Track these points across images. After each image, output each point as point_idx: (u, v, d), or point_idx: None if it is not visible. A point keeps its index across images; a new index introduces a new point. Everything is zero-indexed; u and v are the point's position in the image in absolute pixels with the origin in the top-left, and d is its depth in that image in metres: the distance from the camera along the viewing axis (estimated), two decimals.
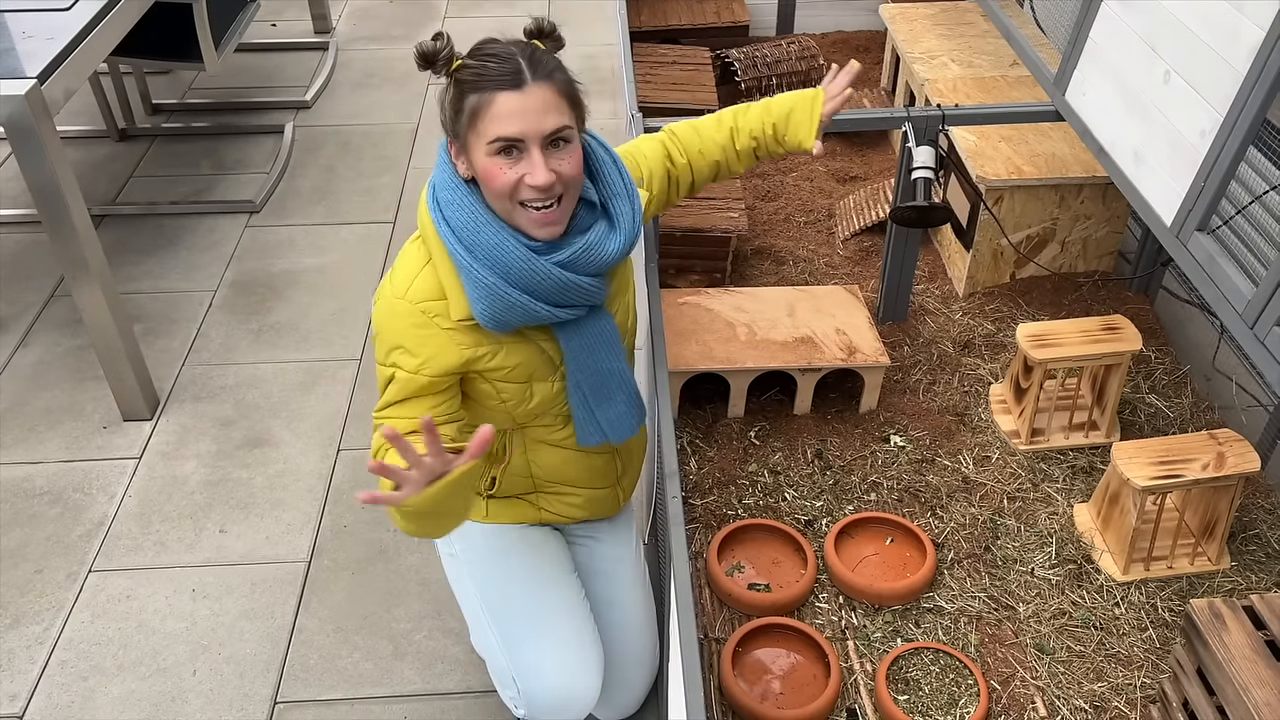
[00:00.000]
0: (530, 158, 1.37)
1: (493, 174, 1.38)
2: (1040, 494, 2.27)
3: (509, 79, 1.35)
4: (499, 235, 1.40)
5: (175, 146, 3.75)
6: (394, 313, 1.44)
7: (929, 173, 2.34)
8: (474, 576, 1.70)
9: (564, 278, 1.43)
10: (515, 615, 1.66)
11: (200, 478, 2.43)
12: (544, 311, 1.45)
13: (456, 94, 1.39)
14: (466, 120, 1.37)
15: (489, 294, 1.40)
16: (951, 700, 1.86)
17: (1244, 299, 1.67)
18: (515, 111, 1.35)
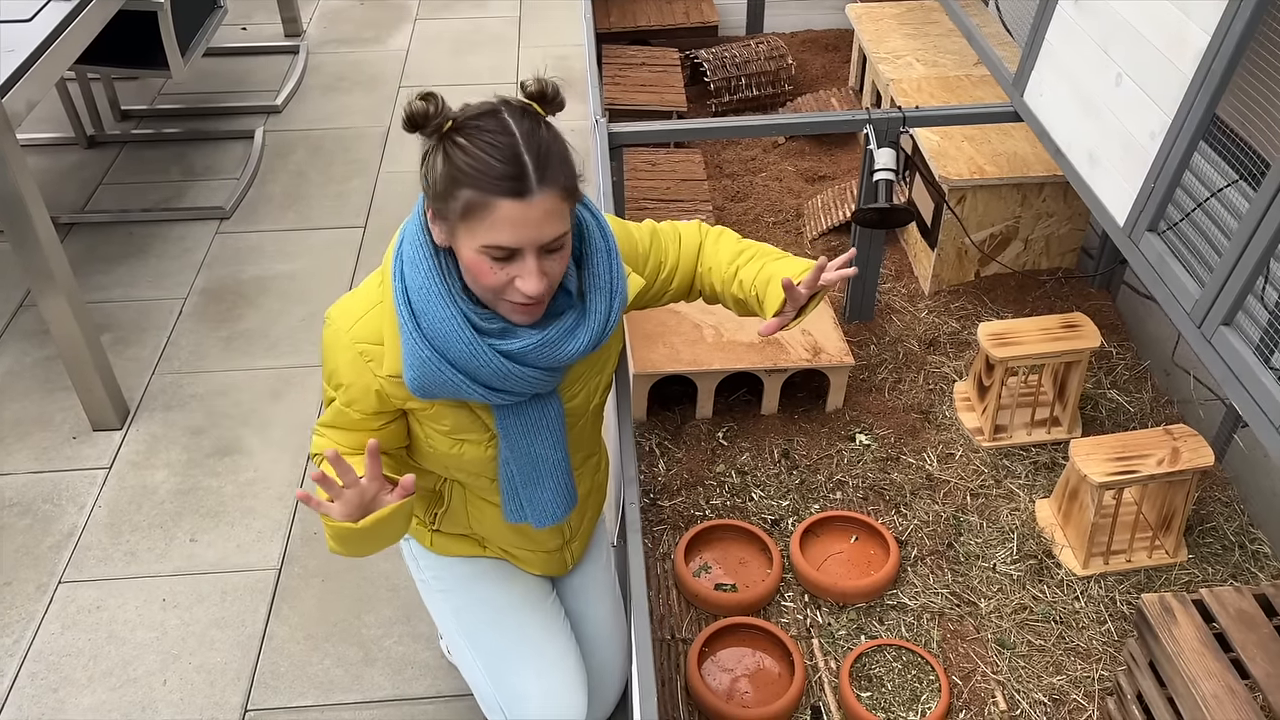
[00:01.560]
0: (525, 264, 1.25)
1: (481, 270, 1.26)
2: (1003, 490, 2.31)
3: (512, 185, 1.20)
4: (447, 310, 1.29)
5: (145, 153, 3.73)
6: (337, 344, 1.37)
7: (890, 174, 2.37)
8: (451, 605, 1.68)
9: (506, 367, 1.32)
10: (497, 644, 1.63)
11: (170, 487, 2.44)
12: (478, 394, 1.35)
13: (447, 174, 1.23)
14: (459, 211, 1.23)
15: (422, 366, 1.30)
16: (914, 696, 1.89)
17: (1191, 299, 1.71)
18: (516, 222, 1.21)
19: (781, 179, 3.46)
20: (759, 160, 3.56)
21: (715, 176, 3.47)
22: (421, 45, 4.47)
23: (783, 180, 3.45)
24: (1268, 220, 1.52)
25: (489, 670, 1.64)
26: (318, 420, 1.45)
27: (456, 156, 1.22)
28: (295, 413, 2.63)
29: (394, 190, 3.52)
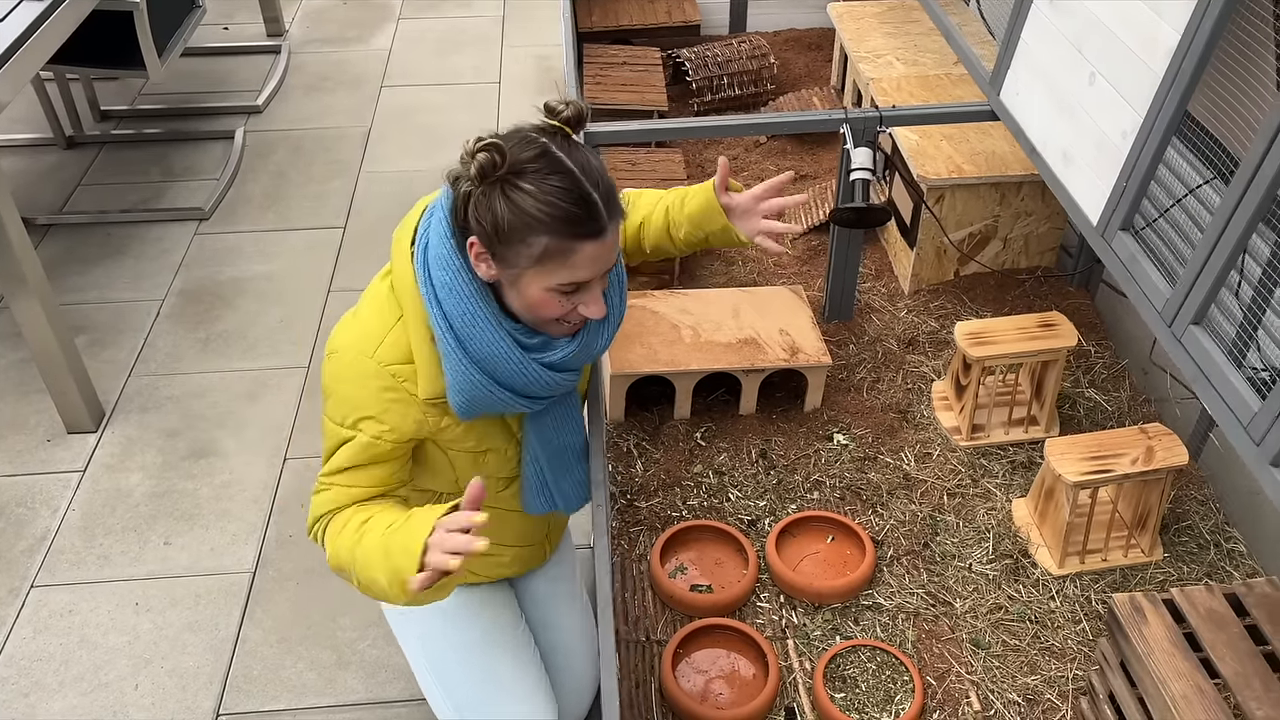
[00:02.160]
0: (592, 292, 1.31)
1: (548, 306, 1.30)
2: (980, 490, 2.31)
3: (591, 228, 1.25)
4: (496, 334, 1.31)
5: (124, 153, 3.71)
6: (362, 374, 1.32)
7: (867, 174, 2.37)
8: (417, 636, 1.66)
9: (550, 378, 1.38)
10: (465, 678, 1.61)
11: (145, 490, 2.42)
12: (521, 405, 1.40)
13: (518, 222, 1.22)
14: (532, 256, 1.25)
15: (472, 389, 1.32)
16: (888, 696, 1.89)
17: (1163, 298, 1.71)
18: (594, 259, 1.27)
19: (763, 178, 3.43)
20: (741, 160, 3.56)
21: (697, 176, 3.46)
22: (404, 45, 4.45)
23: (764, 179, 3.43)
24: (1236, 218, 1.52)
25: (455, 705, 1.63)
26: (321, 473, 1.37)
27: (524, 203, 1.22)
28: (272, 414, 2.62)
29: (374, 190, 3.50)
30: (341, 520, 1.35)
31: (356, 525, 1.32)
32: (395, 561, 1.20)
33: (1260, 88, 1.57)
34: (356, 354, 1.33)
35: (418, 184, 3.53)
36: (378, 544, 1.25)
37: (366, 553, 1.26)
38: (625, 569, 2.18)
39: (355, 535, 1.30)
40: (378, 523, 1.29)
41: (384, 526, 1.27)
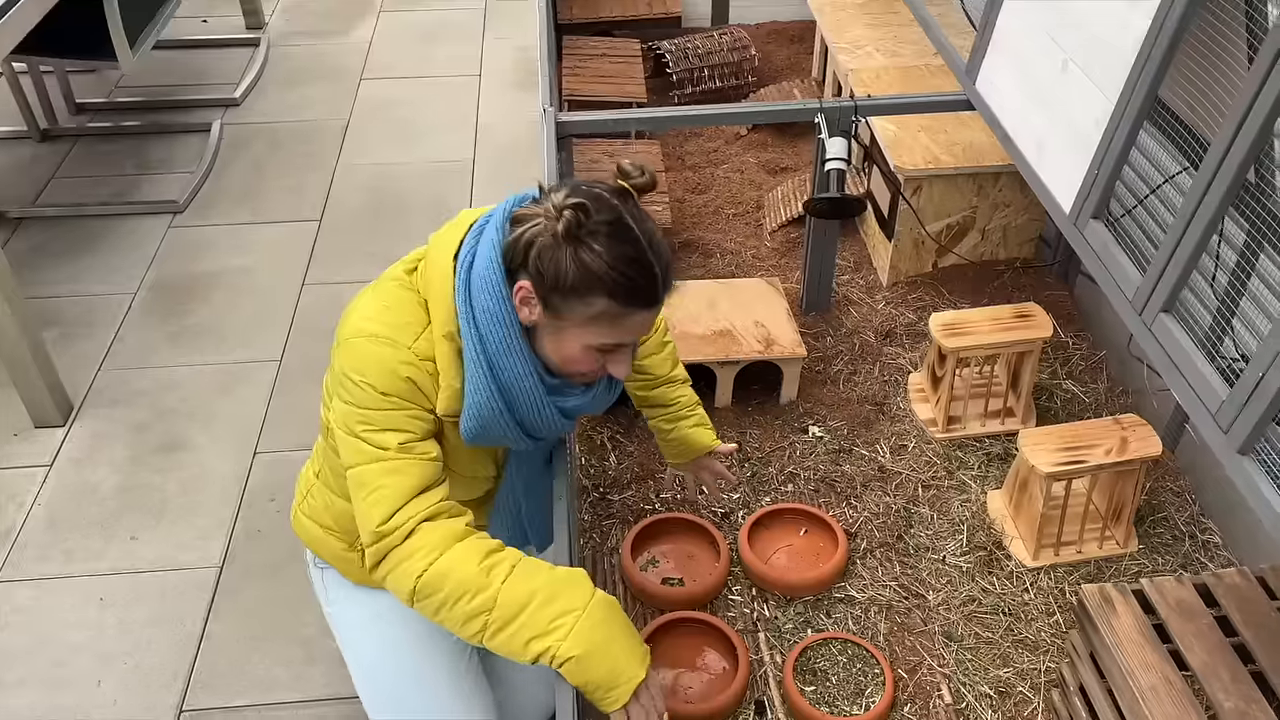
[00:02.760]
0: (624, 353, 1.36)
1: (580, 363, 1.34)
2: (955, 482, 2.29)
3: (648, 299, 1.30)
4: (526, 368, 1.33)
5: (99, 146, 3.67)
6: (402, 361, 1.30)
7: (842, 164, 2.34)
8: (351, 643, 1.63)
9: (557, 420, 1.40)
10: (396, 687, 1.58)
11: (113, 484, 2.39)
12: (521, 441, 1.42)
13: (583, 279, 1.25)
14: (588, 315, 1.28)
15: (488, 415, 1.34)
16: (858, 690, 1.87)
17: (1133, 285, 1.69)
18: (642, 326, 1.33)
19: (743, 171, 3.43)
20: (721, 152, 3.53)
21: (676, 169, 3.44)
22: (385, 37, 4.42)
23: (744, 172, 3.42)
24: (1206, 202, 1.51)
25: (389, 711, 1.59)
26: (391, 513, 1.29)
27: (594, 265, 1.25)
28: (243, 408, 2.59)
29: (351, 183, 3.47)
30: (449, 530, 1.30)
31: (490, 552, 1.30)
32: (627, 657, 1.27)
33: (1231, 73, 1.55)
34: (396, 346, 1.31)
35: (395, 176, 3.50)
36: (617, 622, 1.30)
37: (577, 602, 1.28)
38: (596, 562, 2.16)
39: (508, 565, 1.29)
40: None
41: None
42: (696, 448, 1.84)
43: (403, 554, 1.28)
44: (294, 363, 2.73)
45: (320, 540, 1.60)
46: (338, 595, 1.64)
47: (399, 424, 1.31)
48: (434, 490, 1.32)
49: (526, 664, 1.27)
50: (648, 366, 1.79)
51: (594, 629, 1.24)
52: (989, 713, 1.84)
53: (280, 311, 2.91)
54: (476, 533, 1.32)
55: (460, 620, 1.26)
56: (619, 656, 1.25)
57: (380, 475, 1.29)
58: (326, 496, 1.56)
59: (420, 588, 1.27)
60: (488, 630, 1.25)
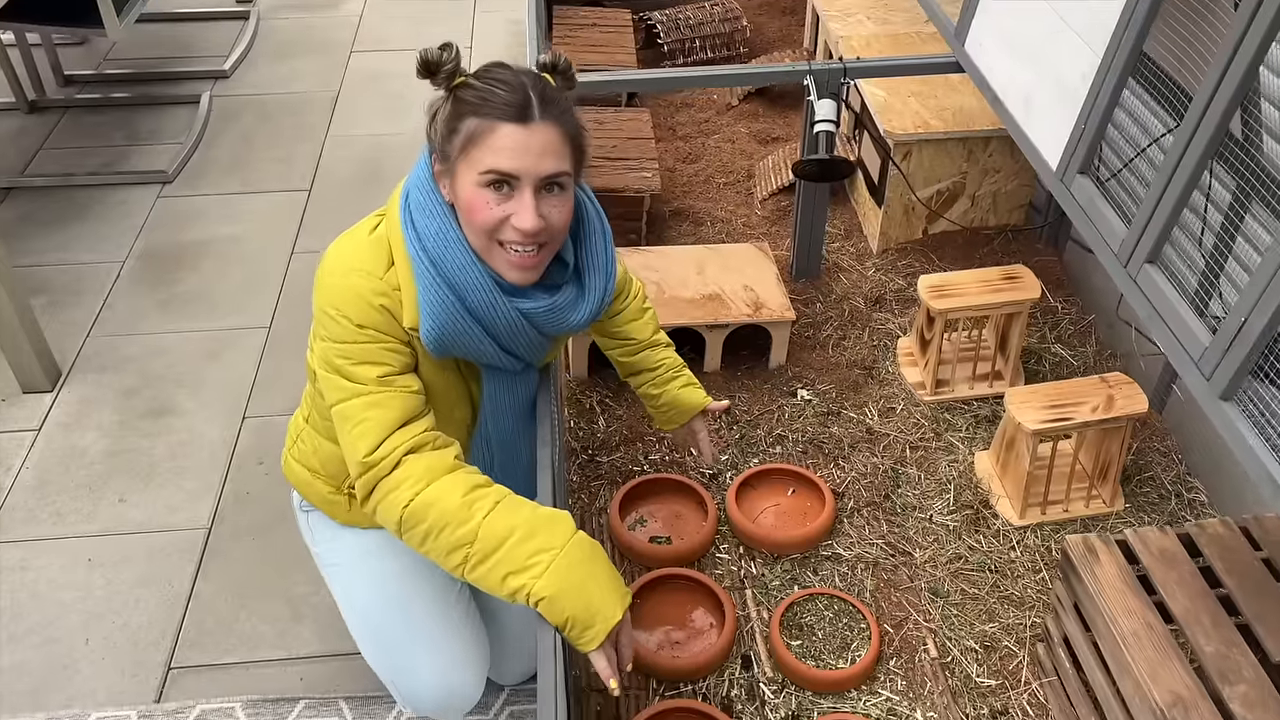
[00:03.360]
0: (520, 198, 1.28)
1: (477, 207, 1.29)
2: (943, 443, 2.29)
3: (515, 110, 1.26)
4: (467, 256, 1.32)
5: (88, 118, 3.65)
6: (374, 291, 1.31)
7: (831, 125, 2.34)
8: (340, 580, 1.65)
9: (520, 324, 1.38)
10: (383, 620, 1.60)
11: (101, 448, 2.38)
12: (489, 349, 1.39)
13: (453, 113, 1.29)
14: (460, 144, 1.28)
15: (442, 312, 1.32)
16: (844, 644, 1.87)
17: (1119, 238, 1.69)
18: (515, 146, 1.26)
19: (734, 141, 3.42)
20: (712, 122, 3.53)
21: (668, 139, 3.43)
22: (375, 10, 4.39)
23: (735, 142, 3.41)
24: (1190, 152, 1.50)
25: (377, 646, 1.61)
26: (376, 444, 1.30)
27: (464, 95, 1.28)
28: (231, 374, 2.59)
29: (341, 155, 3.46)
30: (435, 463, 1.30)
31: (476, 486, 1.30)
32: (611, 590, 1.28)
33: (1217, 24, 1.55)
34: (367, 276, 1.33)
35: (385, 148, 3.48)
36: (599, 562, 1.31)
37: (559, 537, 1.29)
38: (585, 522, 2.16)
39: (492, 499, 1.29)
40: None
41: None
42: (688, 407, 1.83)
43: (390, 485, 1.29)
44: (283, 329, 2.72)
45: (308, 484, 1.61)
46: (324, 535, 1.65)
47: (377, 357, 1.32)
48: (418, 422, 1.33)
49: (509, 602, 1.28)
50: (629, 332, 1.78)
51: (571, 568, 1.24)
52: (974, 666, 1.85)
53: (270, 279, 2.90)
54: (464, 466, 1.33)
55: (444, 551, 1.27)
56: (595, 596, 1.25)
57: (363, 409, 1.30)
58: (315, 440, 1.57)
59: (406, 518, 1.28)
60: (468, 563, 1.26)
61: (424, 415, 1.35)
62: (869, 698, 1.80)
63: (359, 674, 1.90)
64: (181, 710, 1.86)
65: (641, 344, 1.80)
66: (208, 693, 1.90)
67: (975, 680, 1.82)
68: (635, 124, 3.07)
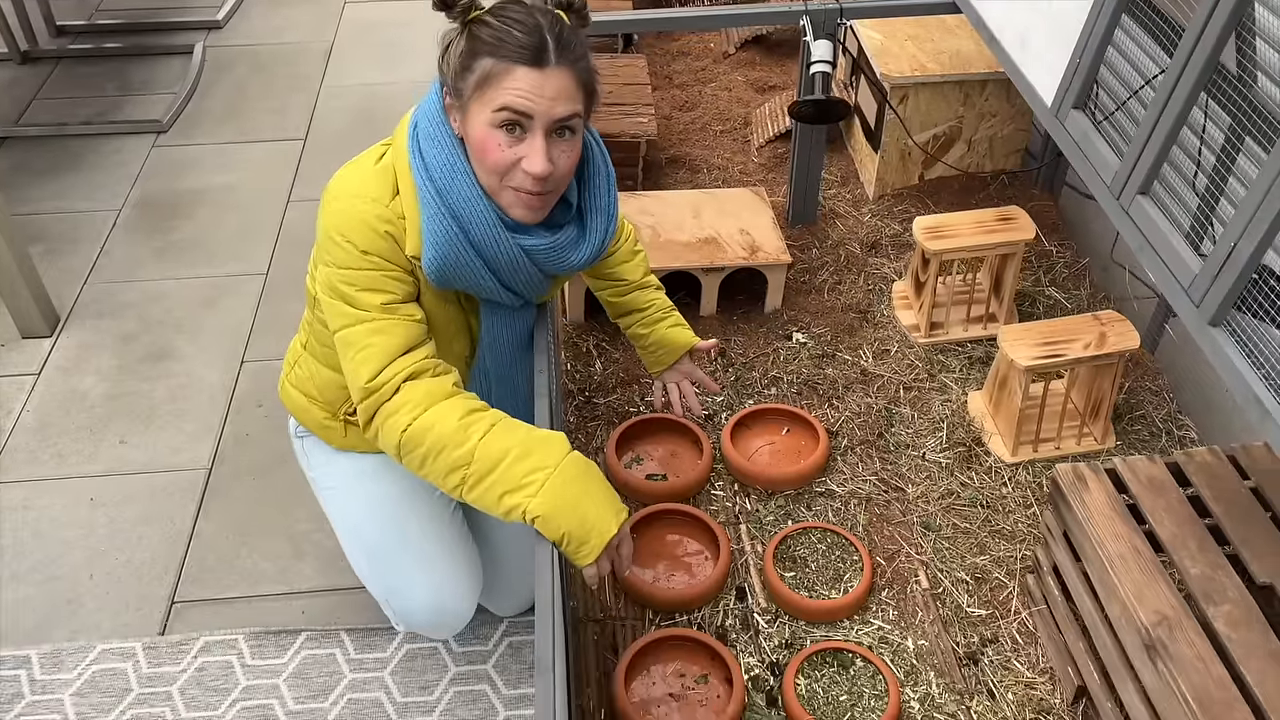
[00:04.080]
0: (532, 141, 1.30)
1: (489, 147, 1.30)
2: (936, 384, 2.31)
3: (532, 53, 1.26)
4: (473, 189, 1.33)
5: (81, 68, 3.63)
6: (379, 217, 1.33)
7: (827, 66, 2.33)
8: (335, 502, 1.68)
9: (521, 260, 1.39)
10: (378, 540, 1.64)
11: (101, 392, 2.40)
12: (488, 283, 1.40)
13: (468, 50, 1.28)
14: (474, 82, 1.28)
15: (445, 242, 1.33)
16: (837, 576, 1.90)
17: (1111, 171, 1.69)
18: (530, 89, 1.27)
19: (731, 89, 3.41)
20: (709, 71, 3.51)
21: (665, 87, 3.41)
22: None
23: (732, 90, 3.40)
24: (1182, 82, 1.51)
25: (371, 565, 1.65)
26: (379, 370, 1.33)
27: (480, 32, 1.28)
28: (229, 319, 2.60)
29: (335, 105, 3.44)
30: (434, 388, 1.33)
31: (472, 410, 1.33)
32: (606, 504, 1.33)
33: None
34: (372, 202, 1.34)
35: (379, 98, 3.47)
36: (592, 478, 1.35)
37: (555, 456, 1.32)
38: None
39: (488, 422, 1.32)
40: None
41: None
42: (677, 347, 1.85)
43: (390, 409, 1.31)
44: (280, 276, 2.73)
45: (304, 409, 1.63)
46: (319, 460, 1.68)
47: (381, 284, 1.33)
48: (419, 349, 1.34)
49: (506, 521, 1.30)
50: (620, 273, 1.80)
51: (565, 486, 1.27)
52: (965, 597, 1.88)
53: (266, 227, 2.90)
54: (462, 391, 1.35)
55: (442, 473, 1.30)
56: (590, 512, 1.27)
57: (366, 335, 1.32)
58: (312, 366, 1.58)
59: (404, 442, 1.30)
60: (466, 484, 1.28)
61: (425, 343, 1.36)
62: (861, 627, 1.83)
63: (360, 607, 1.93)
64: (185, 642, 1.89)
65: (632, 285, 1.82)
66: (211, 625, 1.93)
67: (966, 610, 1.85)
68: (631, 70, 3.05)
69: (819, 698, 1.70)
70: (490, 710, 1.77)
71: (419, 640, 1.87)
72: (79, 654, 1.86)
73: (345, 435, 1.62)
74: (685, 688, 1.74)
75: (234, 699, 1.80)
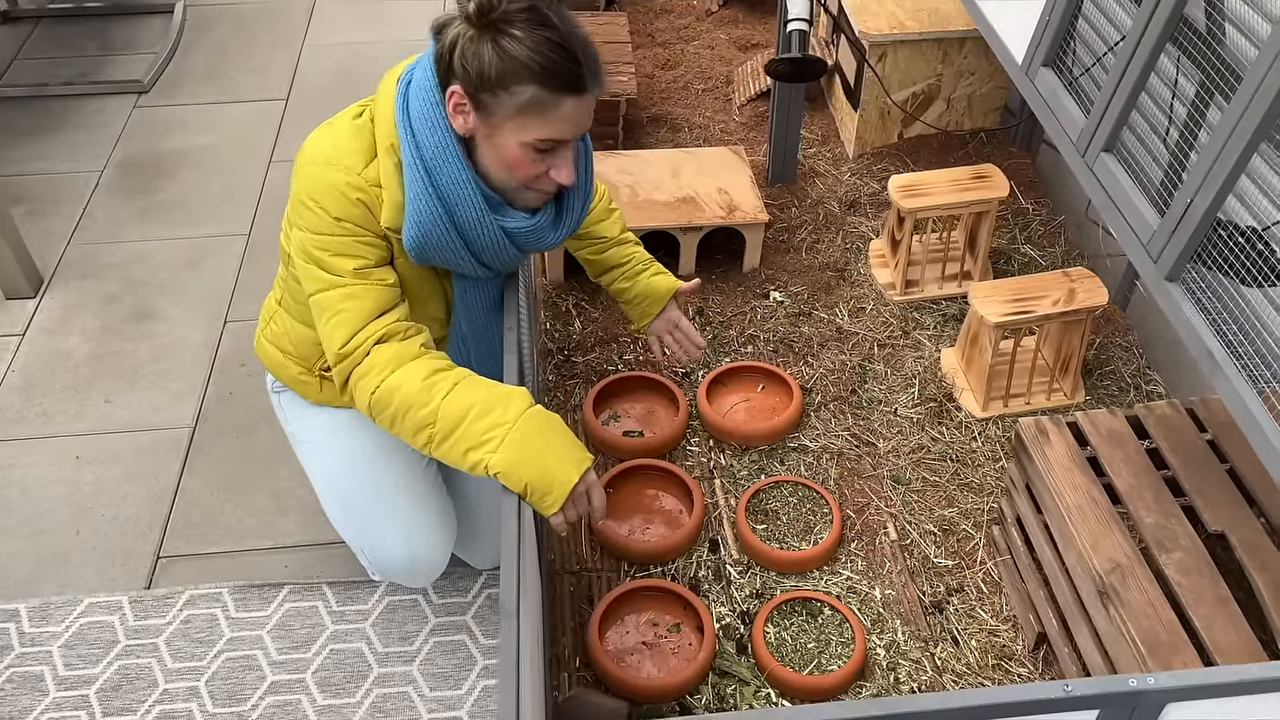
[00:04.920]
0: (565, 155, 1.34)
1: (522, 165, 1.33)
2: (910, 341, 2.34)
3: (576, 82, 1.28)
4: (463, 174, 1.34)
5: (61, 28, 3.61)
6: (351, 185, 1.34)
7: (804, 24, 2.33)
8: (312, 455, 1.72)
9: (502, 241, 1.40)
10: (353, 492, 1.68)
11: (85, 351, 2.42)
12: (466, 262, 1.42)
13: (504, 68, 1.26)
14: (515, 105, 1.28)
15: (429, 221, 1.34)
16: (807, 527, 1.95)
17: (1078, 128, 1.71)
18: (573, 117, 1.31)
19: (714, 47, 3.40)
20: (692, 29, 3.50)
21: (647, 45, 3.41)
22: None
23: (715, 49, 3.39)
24: (1146, 37, 1.52)
25: (347, 515, 1.68)
26: (349, 338, 1.36)
27: (515, 50, 1.26)
28: (212, 279, 2.61)
29: (318, 64, 3.43)
30: (402, 350, 1.35)
31: (437, 370, 1.35)
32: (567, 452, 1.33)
33: None
34: (346, 171, 1.35)
35: (363, 56, 3.45)
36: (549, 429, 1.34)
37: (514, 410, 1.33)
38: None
39: (451, 381, 1.34)
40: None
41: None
42: (662, 293, 1.83)
43: (361, 372, 1.35)
44: (263, 236, 2.74)
45: (280, 364, 1.66)
46: (295, 414, 1.71)
47: (353, 250, 1.36)
48: (390, 313, 1.37)
49: (474, 475, 1.34)
50: (597, 231, 1.82)
51: (525, 440, 1.30)
52: (932, 548, 1.92)
53: (248, 188, 2.90)
54: (430, 352, 1.38)
55: (410, 432, 1.33)
56: (550, 464, 1.30)
57: (339, 300, 1.35)
58: (287, 322, 1.61)
59: (374, 403, 1.34)
60: (433, 442, 1.32)
61: (397, 305, 1.39)
62: (830, 577, 1.88)
63: (342, 561, 1.97)
64: (171, 595, 1.93)
65: (610, 241, 1.84)
66: (195, 579, 1.97)
67: (933, 560, 1.90)
68: (612, 28, 3.05)
69: (787, 645, 1.75)
70: (469, 659, 1.82)
71: (400, 592, 1.91)
72: (67, 607, 1.91)
73: (320, 390, 1.65)
74: (658, 636, 1.78)
75: (219, 650, 1.84)
